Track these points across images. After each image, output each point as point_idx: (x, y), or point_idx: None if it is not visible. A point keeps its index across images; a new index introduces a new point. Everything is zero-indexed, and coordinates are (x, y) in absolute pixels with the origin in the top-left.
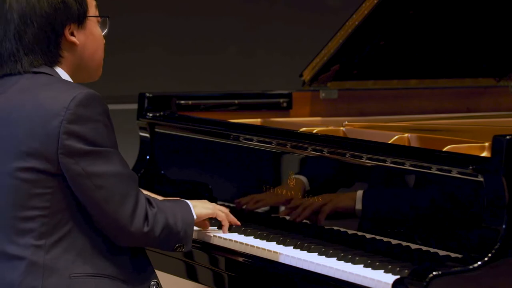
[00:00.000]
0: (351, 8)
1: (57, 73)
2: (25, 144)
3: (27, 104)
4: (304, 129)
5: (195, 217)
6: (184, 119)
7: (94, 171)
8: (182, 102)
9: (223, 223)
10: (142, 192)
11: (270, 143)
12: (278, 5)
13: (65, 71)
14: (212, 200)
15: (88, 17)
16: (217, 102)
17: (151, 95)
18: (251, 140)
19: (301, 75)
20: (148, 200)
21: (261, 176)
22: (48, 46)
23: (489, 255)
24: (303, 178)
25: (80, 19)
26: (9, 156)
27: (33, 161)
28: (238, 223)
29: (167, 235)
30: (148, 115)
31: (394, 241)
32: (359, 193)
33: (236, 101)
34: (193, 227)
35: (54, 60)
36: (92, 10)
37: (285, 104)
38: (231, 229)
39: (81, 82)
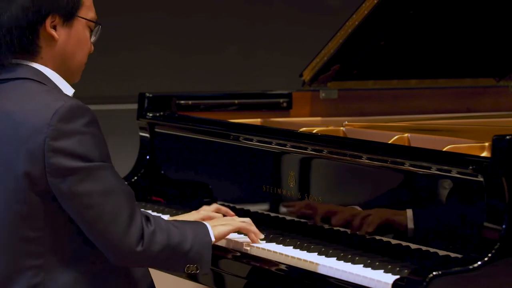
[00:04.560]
0: (351, 8)
1: (43, 74)
2: (13, 163)
3: (13, 118)
4: (304, 129)
5: (213, 239)
6: (184, 119)
7: (81, 191)
8: (182, 102)
9: (249, 235)
10: (139, 209)
11: (270, 143)
12: (278, 5)
13: (50, 68)
14: (212, 200)
15: (77, 17)
16: (217, 102)
17: (151, 95)
18: (251, 140)
19: (301, 75)
20: (147, 218)
21: (261, 176)
22: (25, 30)
23: (489, 255)
24: None
25: (67, 15)
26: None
27: (22, 181)
28: (262, 235)
29: (171, 255)
30: (148, 115)
31: (394, 241)
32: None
33: (236, 101)
34: (210, 249)
35: (30, 50)
36: (85, 11)
37: (285, 104)
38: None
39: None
